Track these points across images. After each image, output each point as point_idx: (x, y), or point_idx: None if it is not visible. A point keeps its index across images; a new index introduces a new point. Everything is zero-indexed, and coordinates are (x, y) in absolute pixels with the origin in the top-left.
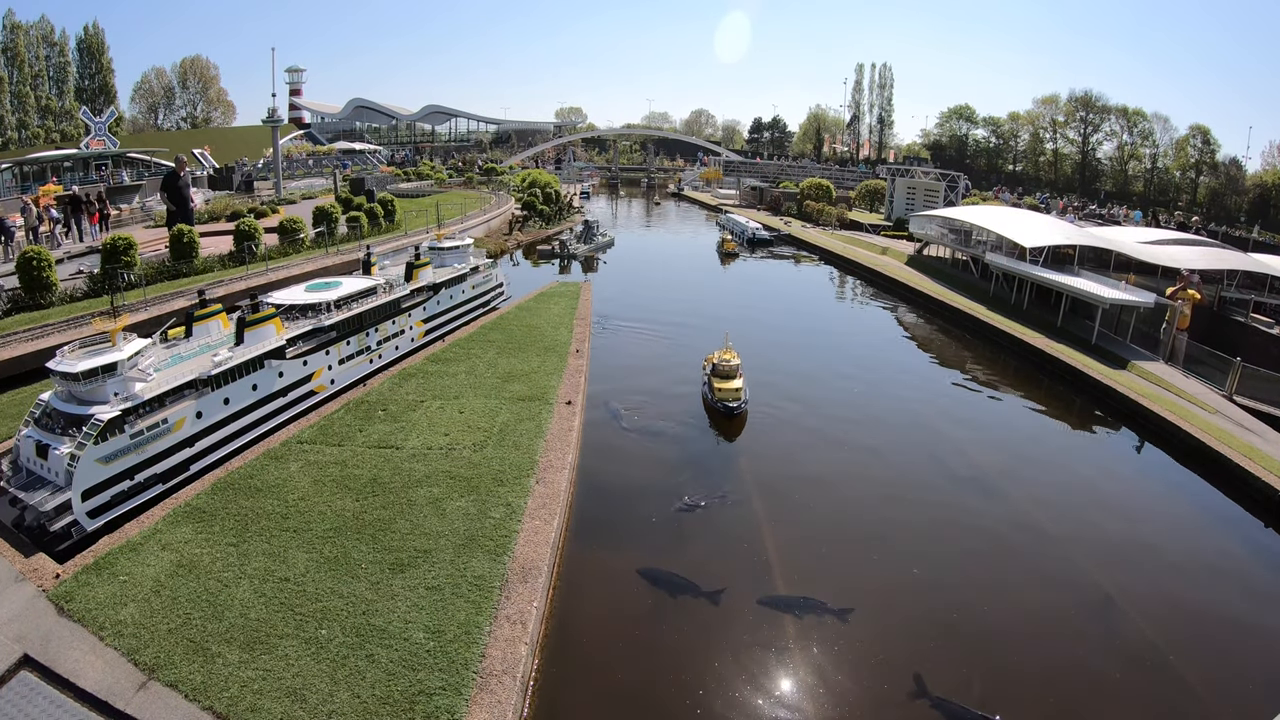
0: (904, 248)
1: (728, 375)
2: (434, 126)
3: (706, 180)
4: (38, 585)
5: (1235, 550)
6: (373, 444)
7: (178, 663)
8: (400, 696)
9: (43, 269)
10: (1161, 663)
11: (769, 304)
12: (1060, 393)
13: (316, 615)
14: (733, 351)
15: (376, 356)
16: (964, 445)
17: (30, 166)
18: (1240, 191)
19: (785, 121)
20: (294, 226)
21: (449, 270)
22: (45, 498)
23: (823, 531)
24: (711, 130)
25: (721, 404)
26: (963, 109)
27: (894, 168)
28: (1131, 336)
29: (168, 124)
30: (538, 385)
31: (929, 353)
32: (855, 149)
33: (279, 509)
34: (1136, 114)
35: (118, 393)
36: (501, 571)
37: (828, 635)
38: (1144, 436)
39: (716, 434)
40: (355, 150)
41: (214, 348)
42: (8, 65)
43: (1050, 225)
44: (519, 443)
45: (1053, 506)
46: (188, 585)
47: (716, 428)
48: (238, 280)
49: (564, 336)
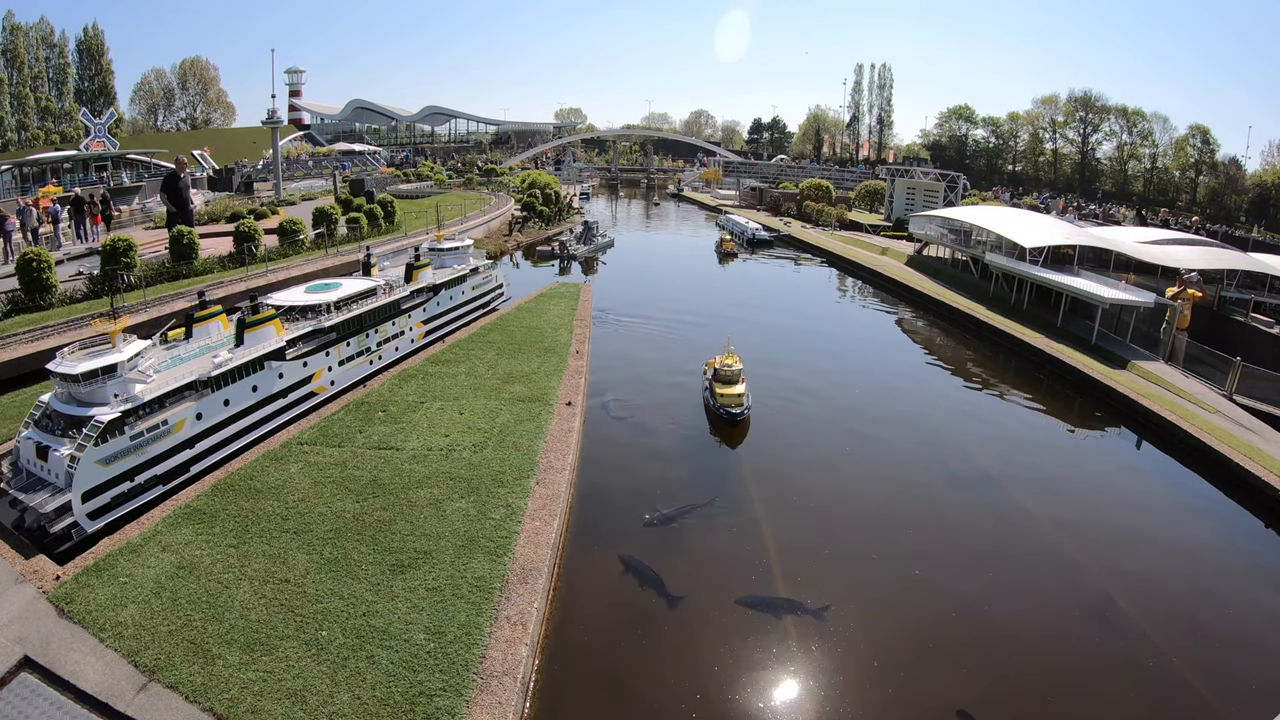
0: (904, 248)
1: (729, 380)
2: (433, 127)
3: (706, 181)
4: (38, 587)
5: (1236, 550)
6: (373, 445)
7: (178, 664)
8: (401, 698)
9: (42, 270)
10: (1161, 663)
11: (769, 305)
12: (1060, 393)
13: (317, 616)
14: (735, 356)
15: (376, 358)
16: (964, 445)
17: (30, 168)
18: (1240, 191)
19: (785, 122)
20: (294, 228)
21: (449, 271)
22: (45, 499)
23: (823, 532)
24: (711, 131)
25: (724, 410)
26: (962, 109)
27: (893, 168)
28: (1131, 336)
29: (167, 125)
30: (538, 386)
31: (929, 353)
32: (855, 149)
33: (279, 510)
34: (1136, 114)
35: (118, 394)
36: (502, 572)
37: (829, 636)
38: (1144, 436)
39: (718, 439)
40: (355, 151)
41: (214, 349)
42: (7, 67)
43: (1050, 225)
44: (519, 444)
45: (1053, 507)
46: (188, 586)
47: (718, 433)
48: (237, 281)
49: (564, 338)
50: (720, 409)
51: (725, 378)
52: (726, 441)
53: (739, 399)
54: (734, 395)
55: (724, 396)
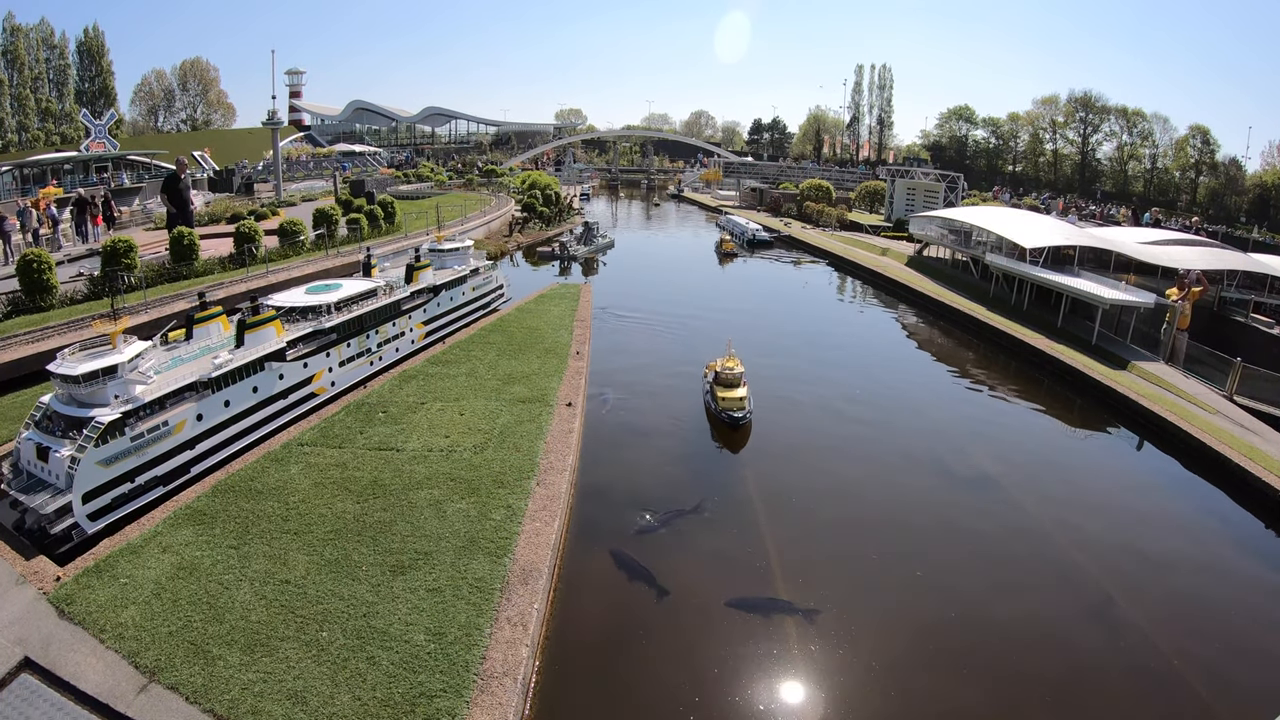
0: (904, 249)
1: (730, 384)
2: (433, 128)
3: (706, 181)
4: (38, 588)
5: (1236, 551)
6: (373, 446)
7: (178, 665)
8: (401, 699)
9: (43, 271)
10: (1161, 663)
11: (769, 305)
12: (1060, 393)
13: (317, 617)
14: (736, 359)
15: (377, 358)
16: (964, 446)
17: (30, 169)
18: (1240, 191)
19: (785, 123)
20: (294, 228)
21: (449, 272)
22: (46, 500)
23: (822, 532)
24: (711, 131)
25: (725, 414)
26: (962, 110)
27: (894, 169)
28: (1131, 337)
29: (168, 126)
30: (538, 387)
31: (929, 354)
32: (855, 150)
33: (280, 511)
34: (1136, 114)
35: (118, 395)
36: (502, 573)
37: (829, 638)
38: (1144, 437)
39: (719, 444)
40: (355, 152)
41: (214, 350)
42: (8, 68)
43: (1050, 226)
44: (519, 445)
45: (1053, 507)
46: (188, 587)
47: (720, 439)
48: (238, 282)
49: (564, 338)
50: (722, 413)
51: (726, 381)
52: (727, 445)
53: (740, 403)
54: (735, 399)
55: (725, 400)
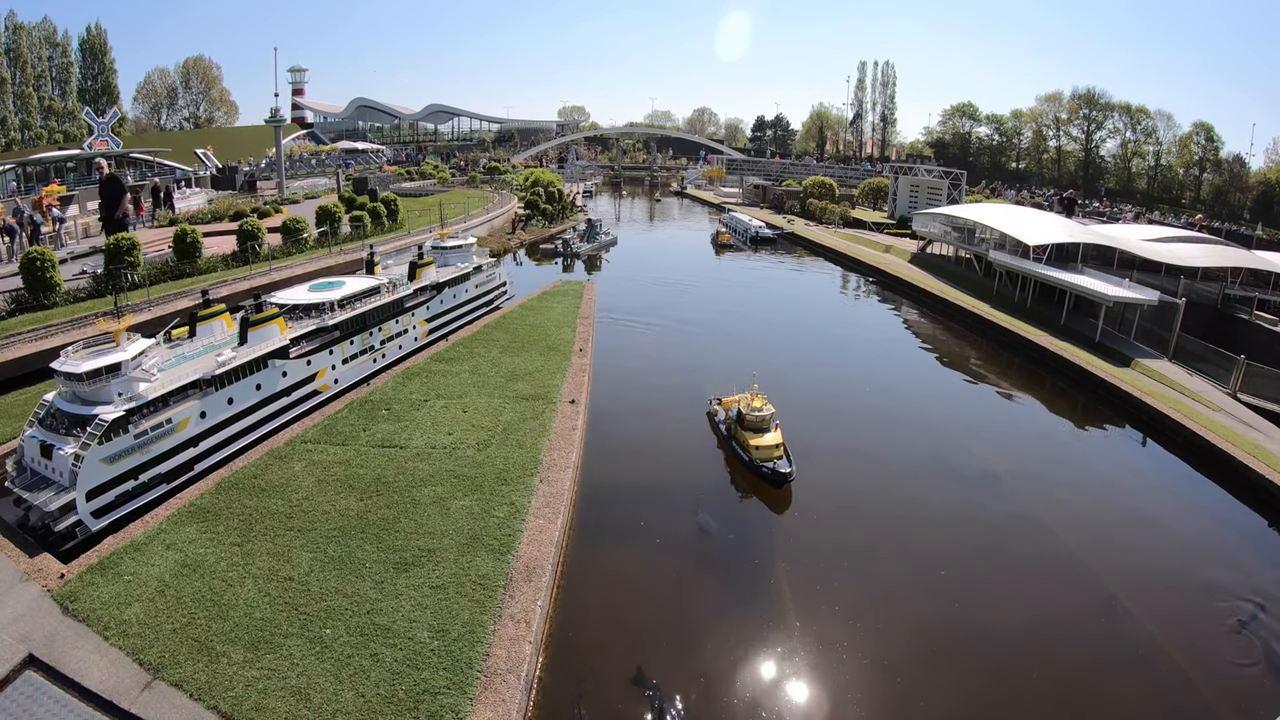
0: (907, 245)
1: (759, 428)
2: (437, 126)
3: (709, 178)
4: (42, 585)
5: (1239, 548)
6: (376, 443)
7: (182, 662)
8: (405, 695)
9: (46, 269)
10: (1164, 660)
11: (771, 303)
12: (1064, 390)
13: (321, 615)
14: (763, 397)
15: (380, 356)
16: (968, 442)
17: (33, 167)
18: (1244, 188)
19: (788, 120)
20: (297, 226)
21: (452, 269)
22: (50, 498)
23: (825, 531)
24: (714, 129)
25: (764, 466)
26: (966, 106)
27: (897, 165)
28: (1135, 334)
29: (170, 124)
30: (541, 384)
31: (932, 350)
32: (858, 147)
33: (283, 508)
34: (1140, 111)
35: (122, 393)
36: (505, 570)
37: (833, 635)
38: (1148, 434)
39: (741, 492)
40: (358, 150)
41: (218, 347)
42: (11, 66)
43: (1054, 223)
44: (523, 441)
45: (1057, 504)
46: (192, 585)
47: (743, 487)
48: (241, 280)
49: (567, 335)
50: (759, 465)
51: (754, 425)
52: (763, 499)
53: (777, 451)
54: (770, 447)
55: (760, 450)
